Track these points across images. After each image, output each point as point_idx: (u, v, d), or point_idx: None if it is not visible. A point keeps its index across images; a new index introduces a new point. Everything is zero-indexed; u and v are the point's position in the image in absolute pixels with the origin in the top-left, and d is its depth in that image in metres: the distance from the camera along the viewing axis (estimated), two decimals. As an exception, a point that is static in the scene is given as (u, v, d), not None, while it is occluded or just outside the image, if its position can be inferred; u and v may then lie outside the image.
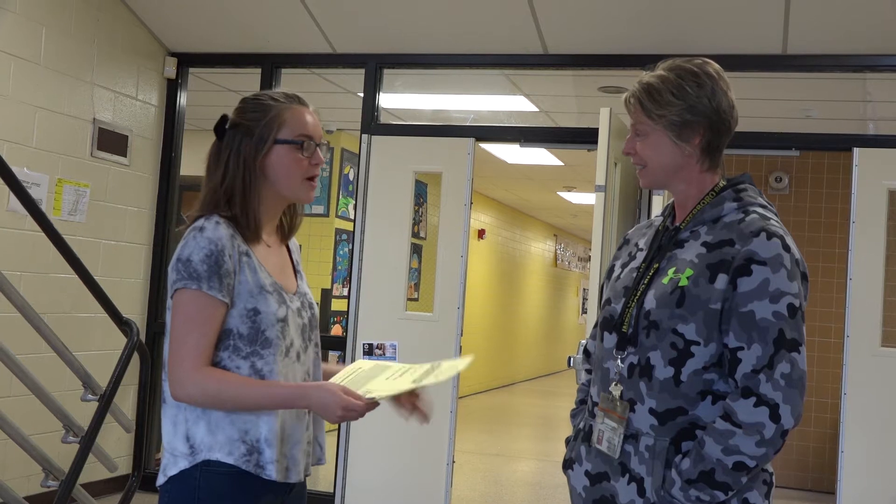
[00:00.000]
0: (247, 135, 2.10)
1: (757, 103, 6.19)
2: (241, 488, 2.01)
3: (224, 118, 2.14)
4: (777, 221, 1.97)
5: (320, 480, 6.00)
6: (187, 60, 6.13)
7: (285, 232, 2.25)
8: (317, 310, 2.25)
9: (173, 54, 6.08)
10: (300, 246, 2.36)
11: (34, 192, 4.90)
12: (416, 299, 10.00)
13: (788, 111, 6.53)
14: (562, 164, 9.71)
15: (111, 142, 5.61)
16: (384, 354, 5.53)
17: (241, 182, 2.09)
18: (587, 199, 12.21)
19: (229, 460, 1.99)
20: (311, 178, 2.14)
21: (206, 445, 2.00)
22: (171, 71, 6.05)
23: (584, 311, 19.74)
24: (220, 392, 1.97)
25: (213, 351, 2.02)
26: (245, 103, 2.17)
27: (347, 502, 5.53)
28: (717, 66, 2.03)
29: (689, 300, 1.90)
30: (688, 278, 1.92)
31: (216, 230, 2.02)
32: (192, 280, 1.98)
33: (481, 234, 13.21)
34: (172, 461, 2.04)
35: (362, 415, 1.99)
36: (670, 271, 1.97)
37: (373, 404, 1.99)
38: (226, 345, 2.03)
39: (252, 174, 2.09)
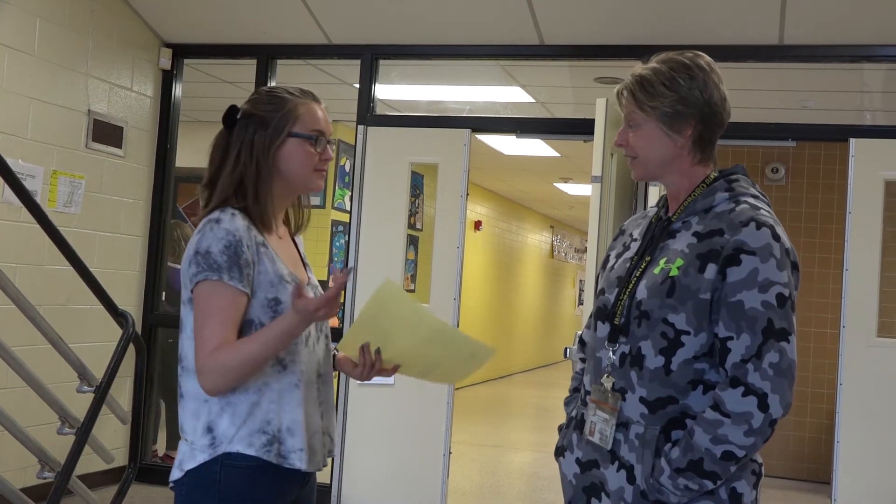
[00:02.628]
0: (261, 126, 2.11)
1: (753, 94, 6.19)
2: (262, 483, 2.01)
3: (234, 108, 2.14)
4: (768, 211, 1.98)
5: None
6: (182, 51, 6.11)
7: (292, 226, 2.28)
8: None
9: (168, 45, 6.07)
10: (302, 239, 2.39)
11: (29, 184, 4.88)
12: (413, 290, 10.00)
13: (785, 102, 6.53)
14: (558, 155, 9.71)
15: (106, 133, 5.59)
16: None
17: (255, 172, 2.10)
18: (584, 190, 12.20)
19: (250, 451, 1.99)
20: (321, 171, 2.20)
21: (228, 437, 2.00)
22: (166, 62, 6.04)
23: (581, 303, 19.77)
24: (236, 358, 1.95)
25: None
26: (260, 94, 2.19)
27: (344, 493, 5.54)
28: (708, 58, 2.04)
29: (679, 290, 1.91)
30: (678, 268, 1.93)
31: (233, 221, 2.02)
32: (212, 271, 1.98)
33: (478, 225, 13.20)
34: (190, 454, 2.03)
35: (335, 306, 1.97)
36: (661, 261, 1.98)
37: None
38: (247, 335, 2.02)
39: (266, 165, 2.11)
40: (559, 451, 2.15)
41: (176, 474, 2.05)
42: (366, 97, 5.73)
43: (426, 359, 2.12)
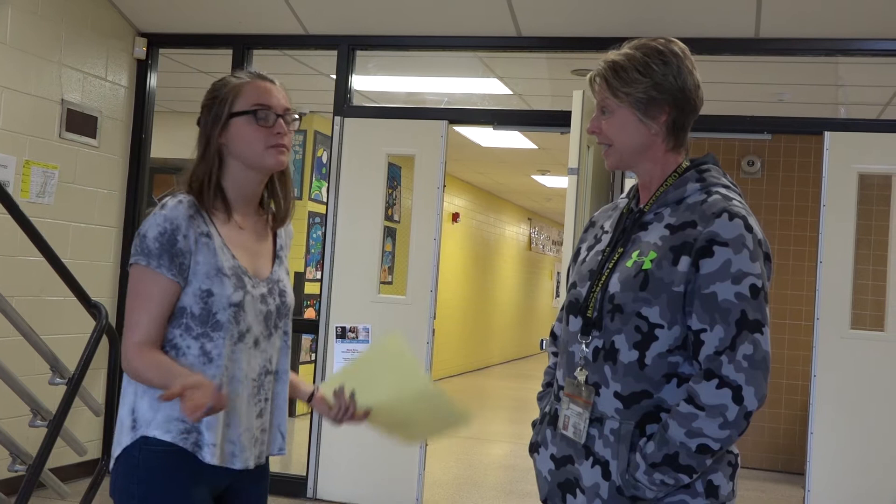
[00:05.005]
0: (208, 113, 2.12)
1: (729, 87, 6.21)
2: (178, 466, 2.00)
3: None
4: (740, 202, 1.96)
5: (293, 464, 5.99)
6: (157, 41, 6.06)
7: (274, 216, 2.23)
8: (290, 298, 2.22)
9: (143, 35, 6.01)
10: (292, 232, 2.33)
11: (1, 175, 4.83)
12: (390, 282, 9.99)
13: (761, 95, 6.56)
14: (535, 147, 9.71)
15: (80, 123, 5.54)
16: (357, 338, 5.51)
17: (204, 159, 2.10)
18: (561, 182, 12.22)
19: (166, 437, 1.99)
20: (278, 146, 2.10)
21: (146, 421, 2.01)
22: (140, 52, 5.98)
23: (558, 295, 19.82)
24: (139, 373, 1.99)
25: (166, 327, 2.03)
26: (212, 85, 2.18)
27: (320, 485, 5.53)
28: (682, 44, 2.02)
29: (652, 283, 1.90)
30: (651, 261, 1.91)
31: (175, 209, 2.03)
32: (143, 256, 2.02)
33: (455, 217, 13.19)
34: (117, 442, 2.05)
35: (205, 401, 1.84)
36: (634, 254, 1.96)
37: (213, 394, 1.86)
38: (179, 322, 2.04)
39: (212, 150, 2.10)
40: (533, 448, 2.14)
41: (111, 465, 2.07)
42: (343, 88, 5.71)
43: (401, 415, 2.16)
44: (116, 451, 2.04)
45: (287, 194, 2.23)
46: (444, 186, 5.56)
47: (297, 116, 2.16)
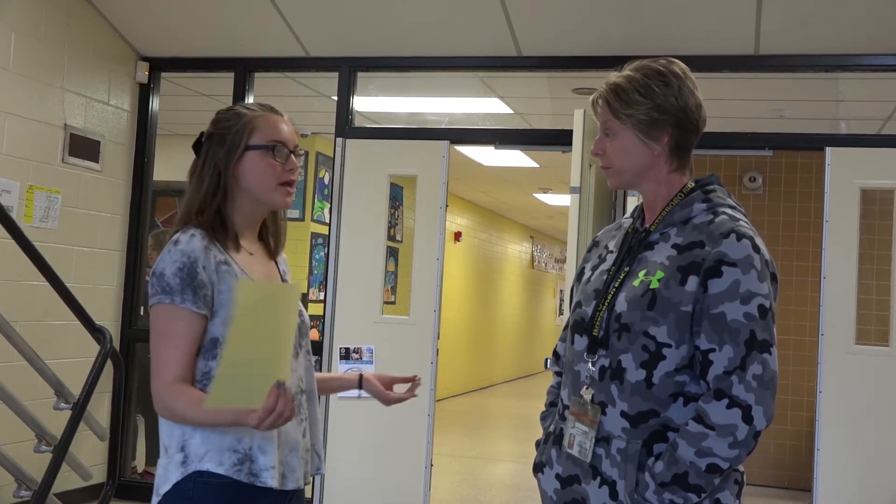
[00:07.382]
0: (220, 143, 2.11)
1: (730, 104, 6.22)
2: (235, 500, 1.99)
3: (201, 135, 2.16)
4: (746, 222, 1.97)
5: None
6: (159, 65, 6.08)
7: (271, 246, 2.25)
8: (306, 317, 2.24)
9: (145, 59, 6.04)
10: (286, 258, 2.36)
11: (4, 199, 4.85)
12: (393, 303, 9.99)
13: (761, 111, 6.57)
14: (537, 165, 9.73)
15: (83, 147, 5.55)
16: (361, 359, 5.50)
17: (215, 190, 2.10)
18: (563, 200, 12.23)
19: (220, 470, 1.97)
20: (287, 184, 2.13)
21: (198, 456, 1.99)
22: (143, 76, 6.00)
23: (561, 313, 19.79)
24: (177, 413, 1.97)
25: (198, 361, 2.01)
26: (219, 114, 2.19)
27: (325, 507, 5.50)
28: (683, 65, 2.03)
29: (660, 302, 1.90)
30: (658, 280, 1.92)
31: (190, 242, 2.02)
32: (165, 294, 1.99)
33: (458, 236, 13.20)
34: (164, 476, 2.02)
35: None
36: (641, 273, 1.96)
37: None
38: (212, 353, 2.02)
39: (225, 181, 2.10)
40: (538, 468, 2.13)
41: (154, 501, 2.04)
42: (344, 109, 5.72)
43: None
44: (164, 487, 2.00)
45: (279, 226, 2.25)
46: (447, 206, 5.57)
47: (302, 153, 2.19)
